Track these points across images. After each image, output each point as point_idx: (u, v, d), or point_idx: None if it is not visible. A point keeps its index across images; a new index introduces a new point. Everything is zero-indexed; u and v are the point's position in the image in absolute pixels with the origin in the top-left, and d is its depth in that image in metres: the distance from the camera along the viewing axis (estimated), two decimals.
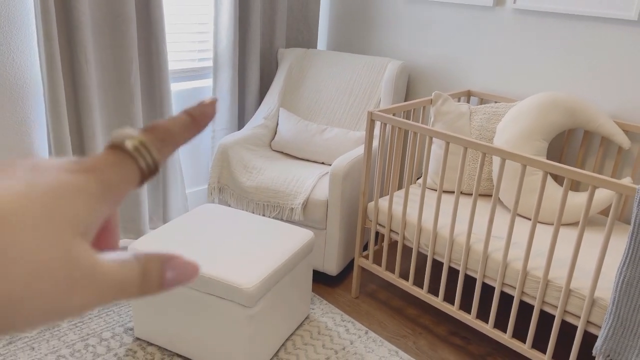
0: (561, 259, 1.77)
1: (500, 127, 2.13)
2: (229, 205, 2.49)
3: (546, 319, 2.24)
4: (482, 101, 2.52)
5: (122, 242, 2.67)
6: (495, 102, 2.40)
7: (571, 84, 2.24)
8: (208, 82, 2.81)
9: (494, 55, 2.47)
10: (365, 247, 2.61)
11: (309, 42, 3.06)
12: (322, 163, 2.62)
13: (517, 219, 2.07)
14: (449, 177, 2.28)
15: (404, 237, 2.09)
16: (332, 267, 2.33)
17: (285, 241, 1.92)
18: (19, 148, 2.24)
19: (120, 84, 2.33)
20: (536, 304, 1.71)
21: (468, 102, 2.56)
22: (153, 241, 1.86)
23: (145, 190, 2.51)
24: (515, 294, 1.76)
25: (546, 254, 1.79)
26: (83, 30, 2.11)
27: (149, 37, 2.37)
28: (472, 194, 2.27)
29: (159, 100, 2.46)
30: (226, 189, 2.48)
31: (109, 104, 2.35)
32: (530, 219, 2.07)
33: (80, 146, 2.29)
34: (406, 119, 2.28)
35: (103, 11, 2.21)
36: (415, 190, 2.33)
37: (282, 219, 2.34)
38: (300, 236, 1.97)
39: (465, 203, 2.19)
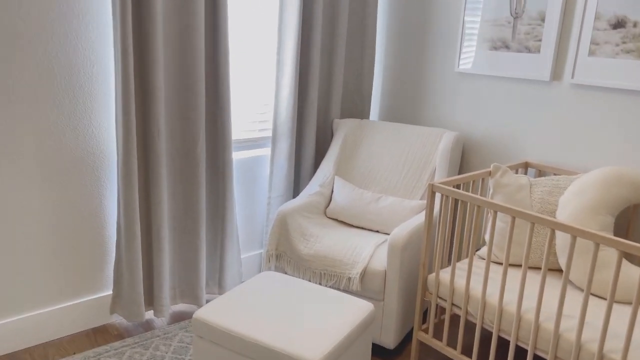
0: (636, 340, 1.69)
1: (563, 201, 2.10)
2: (285, 273, 2.51)
3: None
4: (540, 173, 2.51)
5: (180, 306, 2.70)
6: (554, 175, 2.39)
7: (633, 158, 2.22)
8: (266, 151, 2.92)
9: (552, 128, 2.48)
10: (424, 320, 2.55)
11: (362, 112, 3.15)
12: (377, 231, 2.63)
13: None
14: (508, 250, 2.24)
15: (467, 312, 2.05)
16: (389, 340, 2.29)
17: (347, 312, 1.91)
18: (91, 211, 2.35)
19: (187, 153, 2.44)
20: None
21: (525, 173, 2.56)
22: (217, 310, 1.88)
23: (204, 255, 2.56)
24: None
25: (622, 336, 1.71)
26: (157, 104, 2.25)
27: (216, 109, 2.50)
28: (533, 268, 2.22)
29: (222, 168, 2.56)
30: (283, 256, 2.50)
31: (175, 171, 2.46)
32: (597, 296, 2.00)
33: (147, 212, 2.38)
34: (464, 190, 2.29)
35: (176, 85, 2.36)
36: (475, 263, 2.29)
37: (339, 288, 2.33)
38: (360, 308, 1.96)
39: (528, 278, 2.14)
